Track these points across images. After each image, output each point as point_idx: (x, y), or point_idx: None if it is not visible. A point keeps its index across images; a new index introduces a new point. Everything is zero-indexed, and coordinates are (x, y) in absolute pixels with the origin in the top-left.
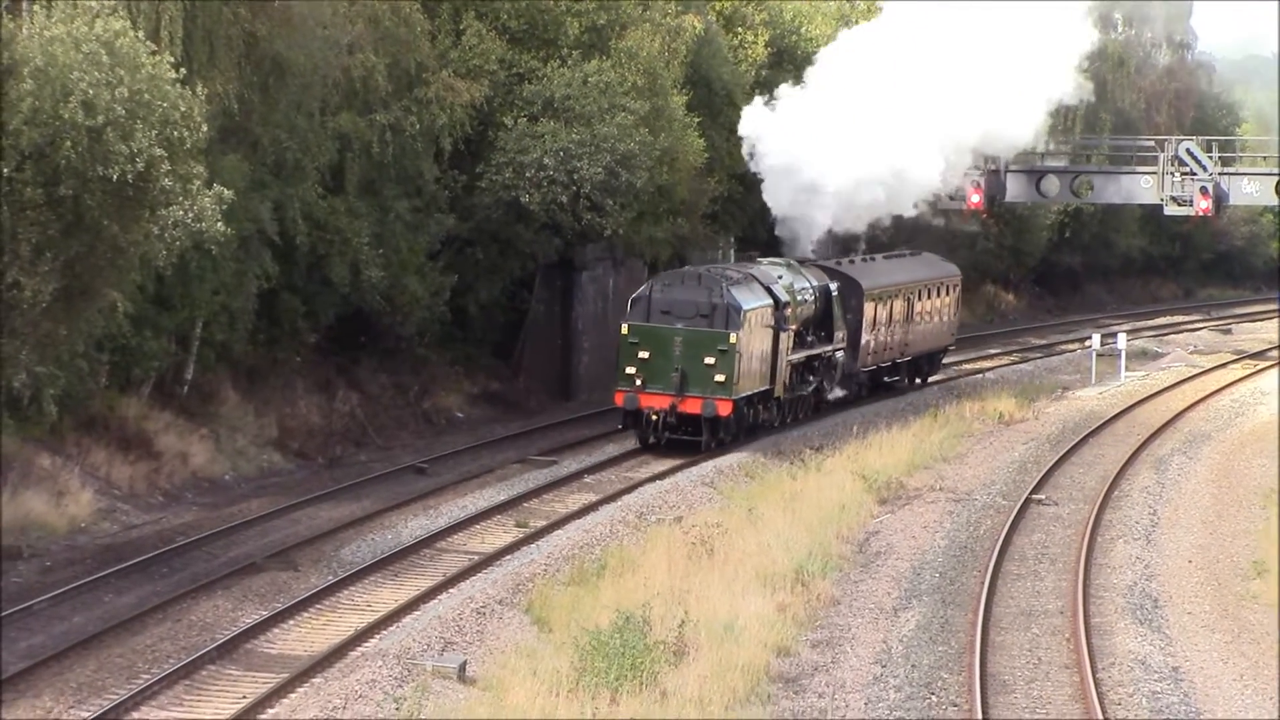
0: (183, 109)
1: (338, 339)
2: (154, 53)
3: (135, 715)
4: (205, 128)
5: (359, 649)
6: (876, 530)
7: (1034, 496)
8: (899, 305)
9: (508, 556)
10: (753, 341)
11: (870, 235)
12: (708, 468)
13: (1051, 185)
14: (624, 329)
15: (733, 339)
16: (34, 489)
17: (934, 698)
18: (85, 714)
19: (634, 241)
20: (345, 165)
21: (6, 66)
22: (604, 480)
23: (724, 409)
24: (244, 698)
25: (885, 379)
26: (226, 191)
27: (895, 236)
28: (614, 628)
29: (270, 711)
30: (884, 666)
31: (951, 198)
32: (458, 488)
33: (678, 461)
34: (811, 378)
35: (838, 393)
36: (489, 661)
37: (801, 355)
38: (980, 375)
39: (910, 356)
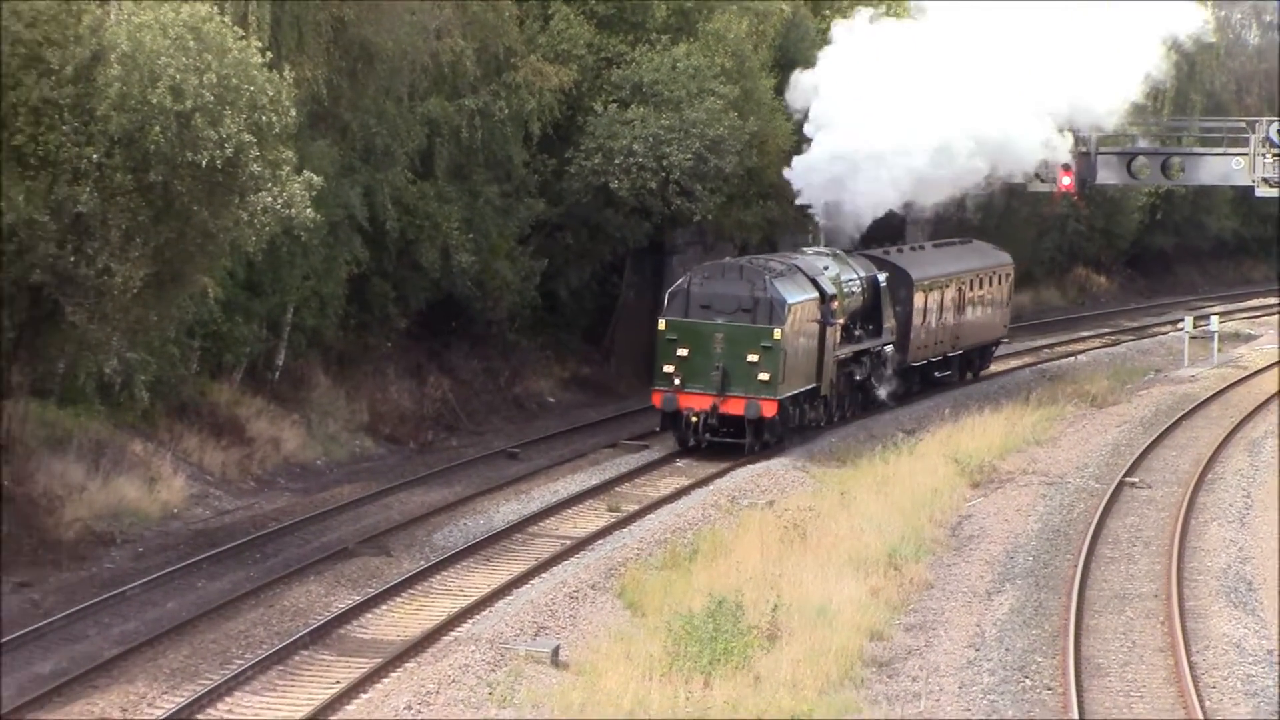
0: (271, 94)
1: (428, 324)
2: (241, 38)
3: (228, 700)
4: (294, 113)
5: (452, 634)
6: (969, 514)
7: (1127, 479)
8: (950, 296)
9: (600, 541)
10: (798, 337)
11: (948, 215)
12: (797, 453)
13: (1142, 167)
14: (661, 325)
15: (777, 335)
16: (126, 475)
17: (1028, 681)
18: (179, 699)
19: (724, 225)
20: (434, 150)
21: (95, 52)
22: (695, 465)
23: (768, 409)
24: (337, 683)
25: (936, 374)
26: (316, 177)
27: (984, 220)
28: (707, 612)
29: (363, 696)
30: (977, 650)
31: (1040, 179)
32: (549, 472)
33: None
34: (859, 374)
35: (885, 390)
36: (582, 646)
37: (849, 350)
38: (1072, 358)
39: (961, 350)
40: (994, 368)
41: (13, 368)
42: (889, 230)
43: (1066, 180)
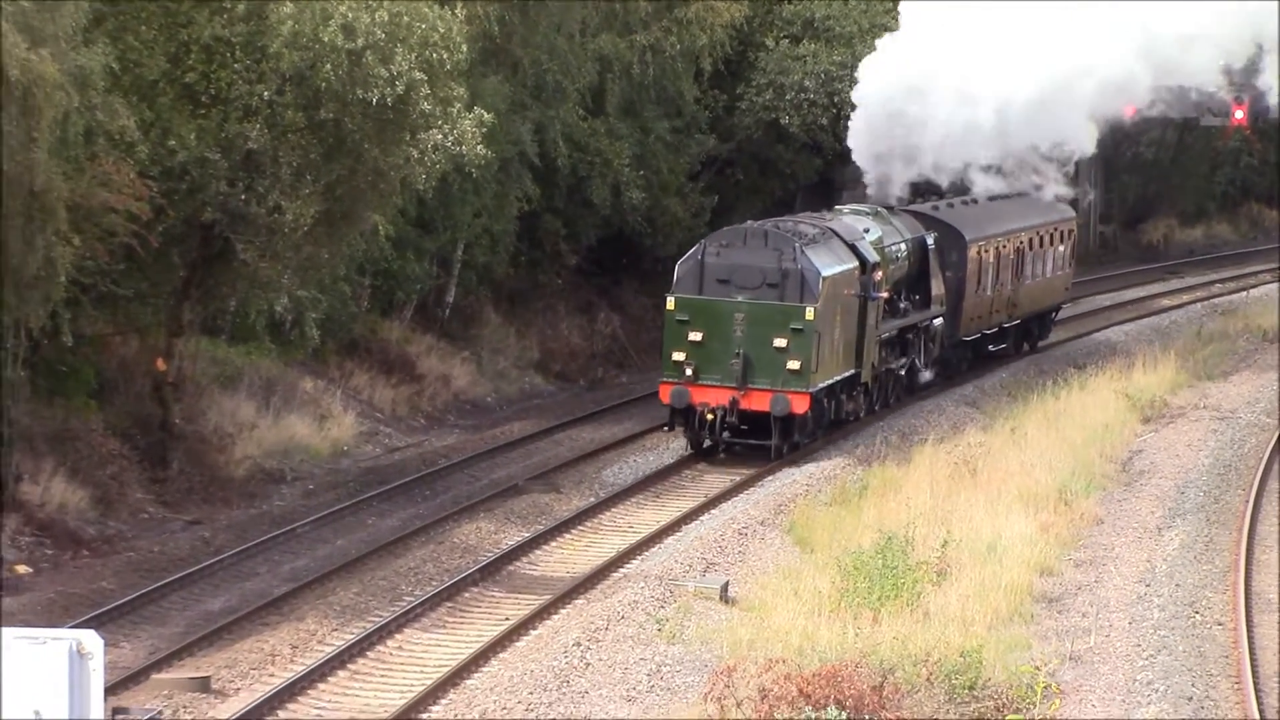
0: (442, 31)
1: (599, 261)
2: None
3: (398, 637)
4: (465, 49)
5: (621, 570)
6: (1140, 449)
7: None
8: (1008, 257)
9: (769, 478)
10: (835, 315)
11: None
12: (969, 389)
13: None
14: (670, 303)
15: (809, 314)
16: (297, 413)
17: (1198, 616)
18: (349, 636)
19: None
20: (605, 86)
21: None
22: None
23: (799, 405)
24: (506, 619)
25: (990, 347)
26: (487, 114)
27: (1157, 155)
28: (876, 548)
29: (533, 632)
30: (1147, 585)
31: (1212, 113)
32: None
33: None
34: (905, 354)
35: (931, 371)
36: (750, 582)
37: (894, 327)
38: (1244, 293)
39: (1019, 319)
40: (1166, 302)
41: (184, 306)
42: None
43: (1239, 114)
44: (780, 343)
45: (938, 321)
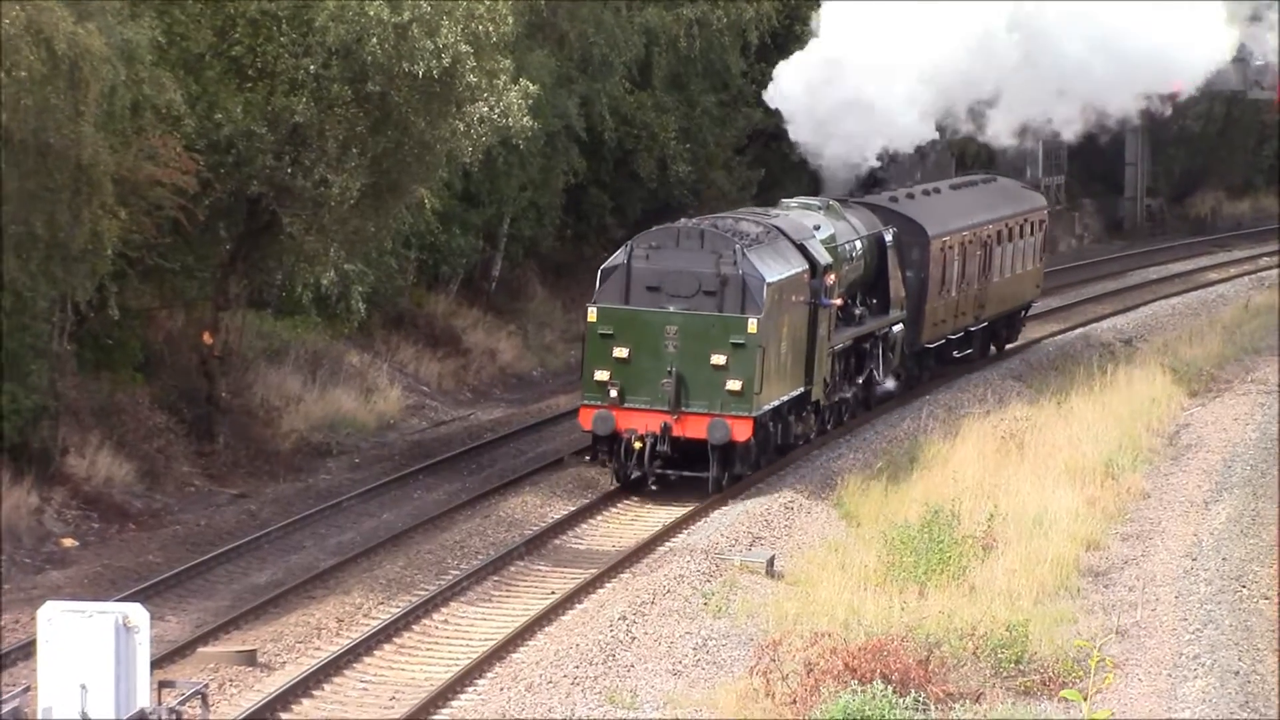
0: (487, 4)
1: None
2: None
3: (444, 611)
4: (511, 22)
5: (667, 544)
6: (1186, 423)
7: None
8: (974, 253)
9: (816, 452)
10: (781, 326)
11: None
12: (1015, 363)
13: None
14: (590, 314)
15: (752, 326)
16: (343, 386)
17: (1245, 590)
18: (395, 610)
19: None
20: (652, 60)
21: None
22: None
23: (740, 431)
24: (552, 593)
25: (955, 353)
26: (533, 87)
27: (1204, 128)
28: (923, 522)
29: (579, 606)
30: (1194, 560)
31: (1260, 85)
32: None
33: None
34: (861, 366)
35: (891, 383)
36: (797, 557)
37: (848, 337)
38: None
39: (986, 320)
40: (1213, 276)
41: (230, 279)
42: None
43: None
44: (718, 360)
45: (898, 328)
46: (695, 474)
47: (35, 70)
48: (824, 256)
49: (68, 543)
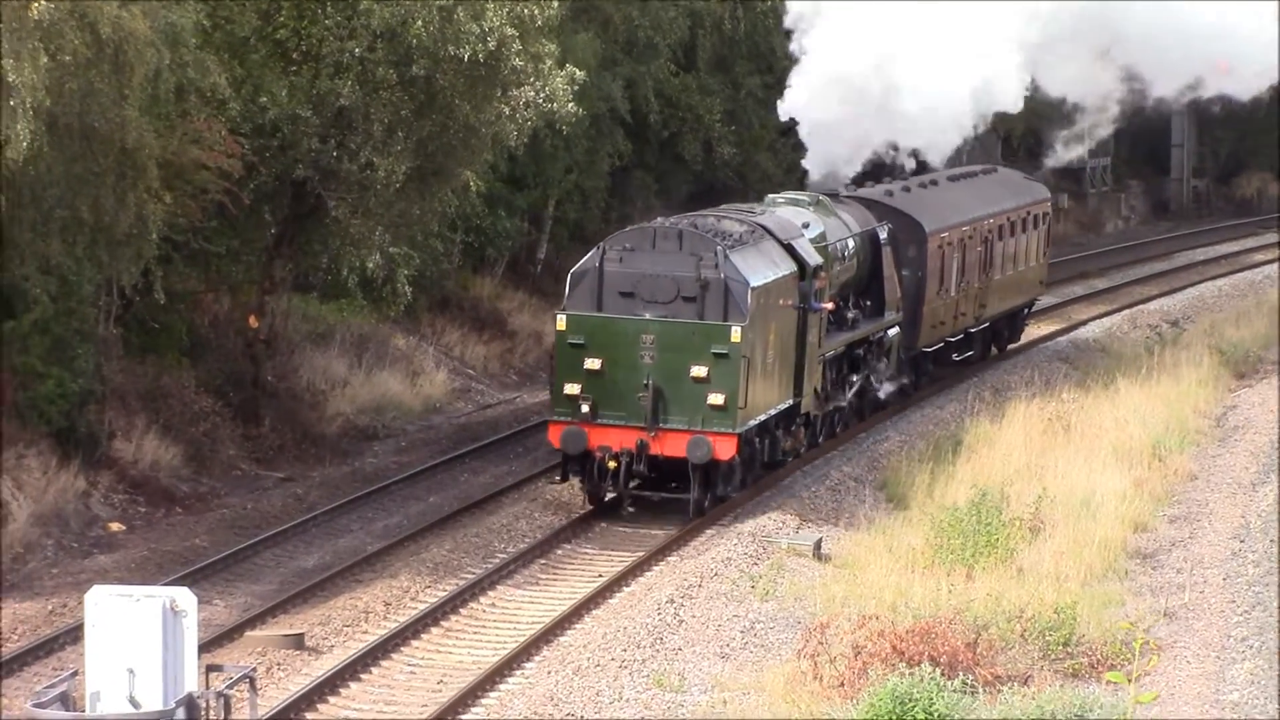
0: None
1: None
2: None
3: (491, 594)
4: (556, 5)
5: (714, 527)
6: (1234, 404)
7: None
8: (975, 250)
9: (863, 434)
10: (768, 334)
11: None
12: (1063, 342)
13: None
14: (559, 322)
15: (735, 335)
16: (389, 370)
17: None
18: (441, 593)
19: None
20: (697, 42)
21: None
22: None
23: (724, 449)
24: (599, 576)
25: (955, 356)
26: (578, 71)
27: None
28: (970, 504)
29: (626, 589)
30: (1242, 541)
31: None
32: None
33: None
34: (855, 374)
35: (888, 388)
36: (844, 539)
37: (841, 343)
38: None
39: (988, 320)
40: (1259, 257)
41: (276, 263)
42: None
43: None
44: (699, 371)
45: (893, 331)
46: (674, 495)
47: (80, 54)
48: (814, 257)
49: (115, 527)
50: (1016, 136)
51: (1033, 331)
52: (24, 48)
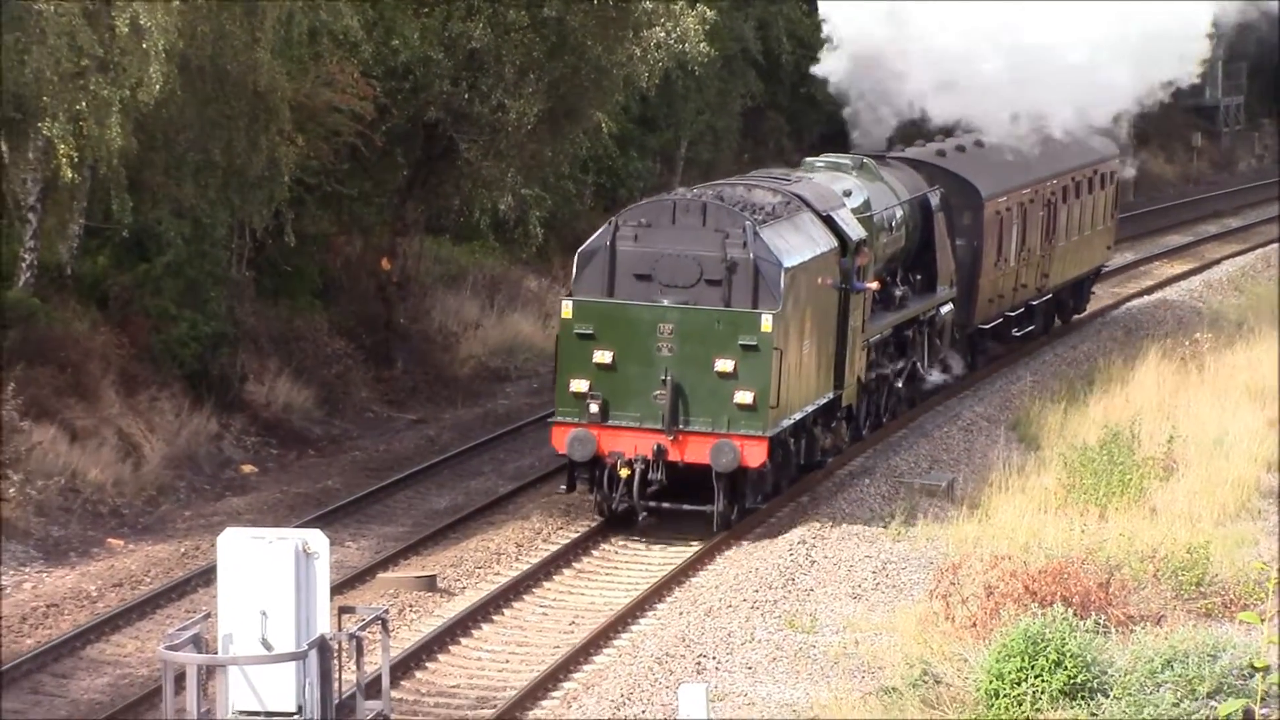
0: None
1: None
2: None
3: (623, 535)
4: None
5: (846, 468)
6: None
7: None
8: (1036, 215)
9: (994, 375)
10: (804, 321)
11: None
12: (1195, 282)
13: None
14: (565, 309)
15: (766, 324)
16: (521, 311)
17: None
18: (573, 534)
19: None
20: None
21: None
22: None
23: (753, 455)
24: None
25: (1015, 331)
26: (710, 11)
27: None
28: (1102, 444)
29: (757, 530)
30: None
31: None
32: None
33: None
34: (903, 357)
35: (938, 373)
36: (976, 480)
37: (888, 324)
38: None
39: (1050, 292)
40: None
41: (408, 205)
42: None
43: None
44: (725, 366)
45: (946, 309)
46: (696, 507)
47: None
48: (856, 230)
49: (247, 469)
50: None
51: (1165, 271)
52: None
